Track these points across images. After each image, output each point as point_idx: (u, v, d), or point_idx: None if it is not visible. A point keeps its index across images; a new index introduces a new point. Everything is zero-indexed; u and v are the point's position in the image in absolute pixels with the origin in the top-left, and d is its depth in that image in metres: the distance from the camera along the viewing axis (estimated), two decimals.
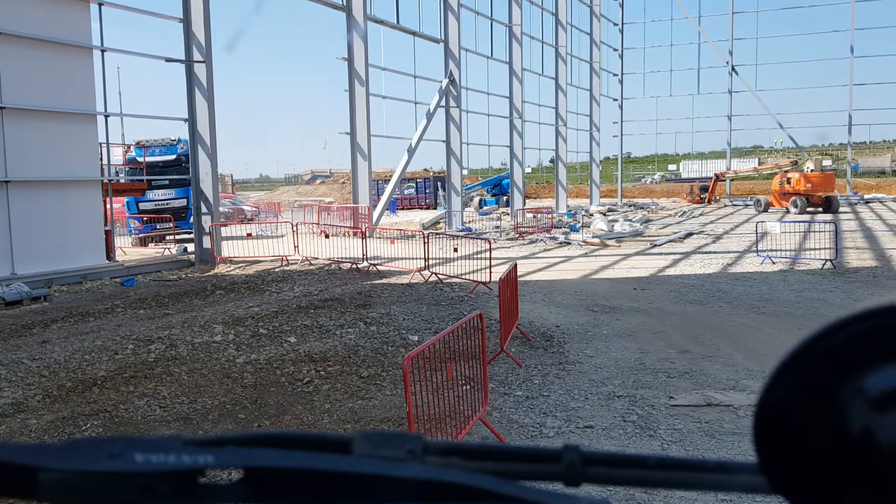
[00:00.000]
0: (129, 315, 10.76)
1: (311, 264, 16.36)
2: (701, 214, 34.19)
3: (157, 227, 21.45)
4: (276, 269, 15.68)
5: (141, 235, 21.59)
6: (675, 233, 23.38)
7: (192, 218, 21.62)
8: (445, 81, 27.19)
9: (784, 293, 12.04)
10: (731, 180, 47.58)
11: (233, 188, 48.72)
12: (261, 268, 15.99)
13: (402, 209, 41.37)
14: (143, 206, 21.50)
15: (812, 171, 32.56)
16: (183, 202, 21.59)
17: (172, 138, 22.07)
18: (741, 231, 24.56)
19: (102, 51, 14.96)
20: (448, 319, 9.90)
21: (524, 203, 32.75)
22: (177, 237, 21.06)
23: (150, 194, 21.44)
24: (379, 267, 15.27)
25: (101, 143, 15.33)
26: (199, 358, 8.08)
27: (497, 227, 26.56)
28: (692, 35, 51.04)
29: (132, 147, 21.53)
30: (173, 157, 21.69)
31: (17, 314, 10.93)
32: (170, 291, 12.80)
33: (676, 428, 5.79)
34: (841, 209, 33.54)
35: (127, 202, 21.23)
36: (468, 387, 5.78)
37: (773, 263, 15.49)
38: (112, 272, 14.67)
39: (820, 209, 31.82)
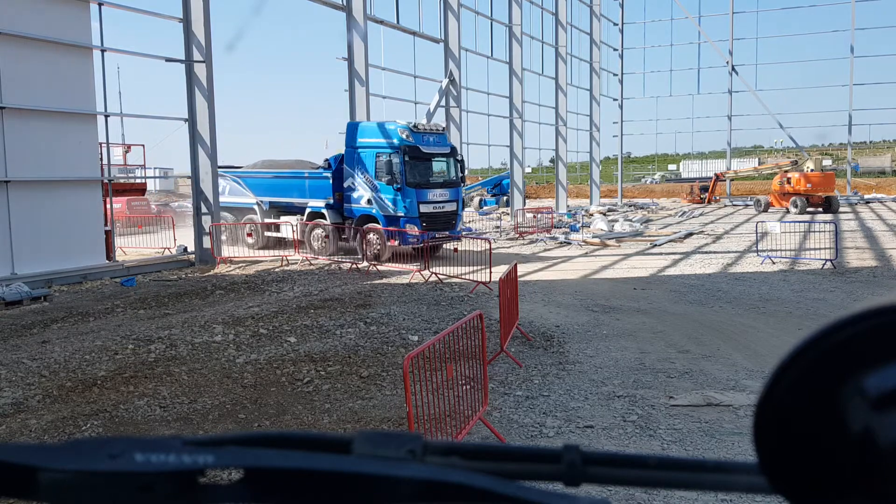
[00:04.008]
0: (129, 315, 10.75)
1: (311, 264, 16.36)
2: (701, 214, 34.18)
3: (436, 235, 16.49)
4: (276, 269, 15.68)
5: (419, 245, 15.85)
6: (675, 233, 23.37)
7: (459, 224, 17.82)
8: (445, 81, 27.19)
9: (784, 293, 12.04)
10: (731, 180, 47.54)
11: None
12: (261, 268, 15.99)
13: None
14: (422, 207, 16.35)
15: (812, 171, 32.56)
16: (454, 206, 17.34)
17: (441, 126, 17.93)
18: (741, 231, 24.56)
19: (102, 51, 14.97)
20: (448, 319, 9.90)
21: (524, 203, 32.75)
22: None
23: (430, 194, 16.64)
24: (379, 267, 15.27)
25: (101, 143, 15.33)
26: (199, 358, 8.08)
27: (497, 227, 26.56)
28: (692, 35, 51.04)
29: (406, 131, 16.38)
30: (448, 149, 17.43)
31: (17, 314, 10.93)
32: (170, 291, 12.80)
33: (676, 428, 5.79)
34: (841, 209, 33.54)
35: (408, 200, 16.18)
36: (468, 387, 5.78)
37: (774, 263, 15.49)
38: (112, 272, 14.67)
39: (820, 209, 31.83)
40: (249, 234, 19.06)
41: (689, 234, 22.98)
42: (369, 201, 16.67)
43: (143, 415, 6.33)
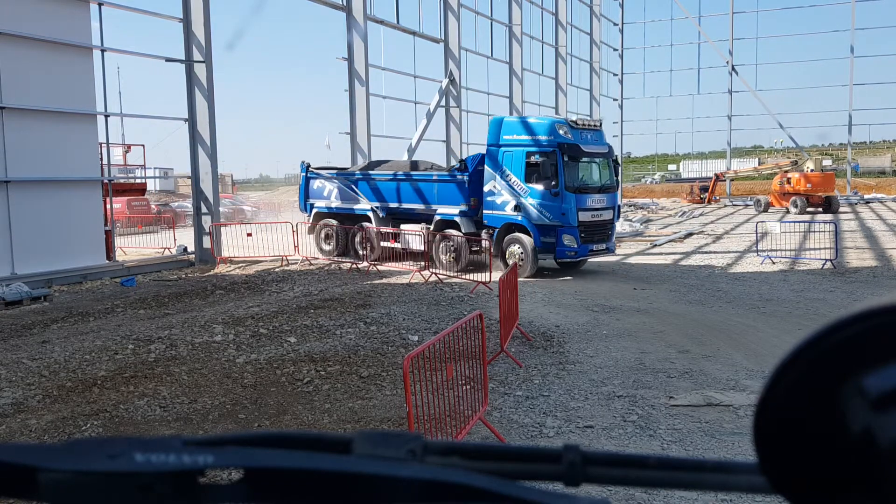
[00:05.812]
0: (129, 315, 10.75)
1: (311, 264, 16.36)
2: (701, 214, 34.18)
3: (594, 248, 14.34)
4: (276, 269, 15.68)
5: (577, 259, 14.34)
6: (675, 233, 23.38)
7: (614, 236, 15.55)
8: (445, 81, 27.19)
9: (784, 293, 12.04)
10: (731, 180, 47.53)
11: (233, 188, 48.72)
12: (261, 268, 15.99)
13: None
14: (580, 215, 13.87)
15: (812, 171, 32.56)
16: (610, 215, 14.79)
17: (598, 121, 15.73)
18: (741, 231, 24.56)
19: (102, 51, 14.97)
20: (448, 319, 9.90)
21: None
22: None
23: (589, 200, 14.16)
24: (379, 267, 15.27)
25: (101, 143, 15.33)
26: (199, 358, 8.08)
27: None
28: (692, 35, 51.02)
29: (564, 127, 14.13)
30: (606, 148, 14.96)
31: (17, 314, 10.93)
32: (170, 291, 12.80)
33: (676, 428, 5.79)
34: (841, 209, 33.53)
35: (567, 207, 13.71)
36: (468, 387, 5.78)
37: (774, 263, 15.49)
38: (112, 272, 14.67)
39: (820, 209, 31.83)
40: (249, 235, 18.96)
41: (689, 234, 22.98)
42: (516, 208, 14.18)
43: (143, 415, 6.33)
